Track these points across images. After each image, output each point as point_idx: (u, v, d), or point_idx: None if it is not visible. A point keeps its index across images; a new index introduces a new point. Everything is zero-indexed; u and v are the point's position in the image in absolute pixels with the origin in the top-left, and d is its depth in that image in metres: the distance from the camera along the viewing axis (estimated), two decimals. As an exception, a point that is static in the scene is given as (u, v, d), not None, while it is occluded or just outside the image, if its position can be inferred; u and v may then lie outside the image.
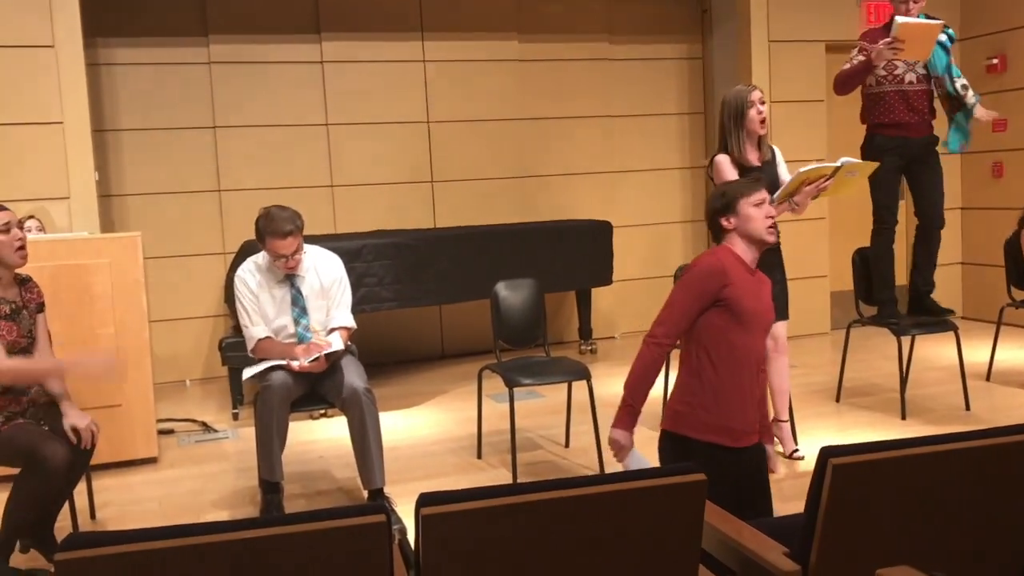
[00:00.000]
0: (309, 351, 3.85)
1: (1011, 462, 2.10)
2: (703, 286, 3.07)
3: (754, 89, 4.29)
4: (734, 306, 3.05)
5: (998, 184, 7.63)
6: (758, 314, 3.11)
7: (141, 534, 1.68)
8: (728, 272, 3.06)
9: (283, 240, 3.86)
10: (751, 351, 3.11)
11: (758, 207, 3.13)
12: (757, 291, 3.15)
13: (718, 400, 3.04)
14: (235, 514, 4.08)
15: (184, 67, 6.79)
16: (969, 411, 5.14)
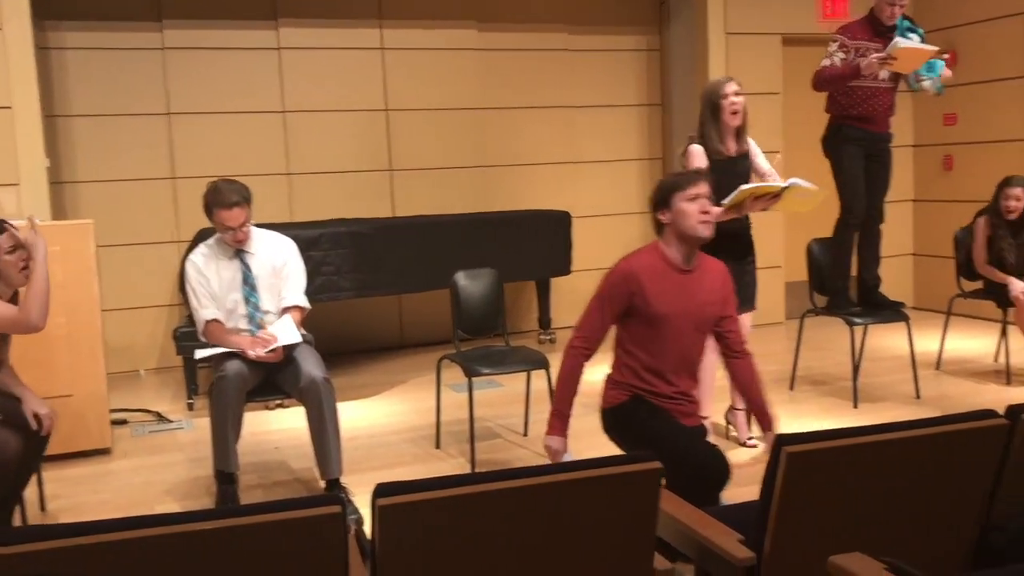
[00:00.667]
0: (255, 344, 3.81)
1: (959, 449, 2.14)
2: (612, 294, 3.14)
3: (729, 81, 4.30)
4: (646, 312, 3.10)
5: (948, 177, 7.77)
6: (684, 314, 3.12)
7: (93, 526, 1.66)
8: (640, 278, 3.09)
9: (229, 211, 3.84)
10: (679, 351, 3.16)
11: (692, 201, 3.10)
12: (686, 290, 3.14)
13: (646, 386, 3.16)
14: (189, 505, 4.03)
15: (137, 52, 6.67)
16: (919, 399, 5.24)
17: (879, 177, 5.18)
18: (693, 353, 3.23)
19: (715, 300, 3.22)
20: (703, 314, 3.19)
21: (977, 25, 7.37)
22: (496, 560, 1.92)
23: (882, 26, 4.99)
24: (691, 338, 3.19)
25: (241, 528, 1.72)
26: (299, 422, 4.16)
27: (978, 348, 6.41)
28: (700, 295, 3.18)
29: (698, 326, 3.19)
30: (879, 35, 4.97)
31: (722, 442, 4.55)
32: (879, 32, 4.98)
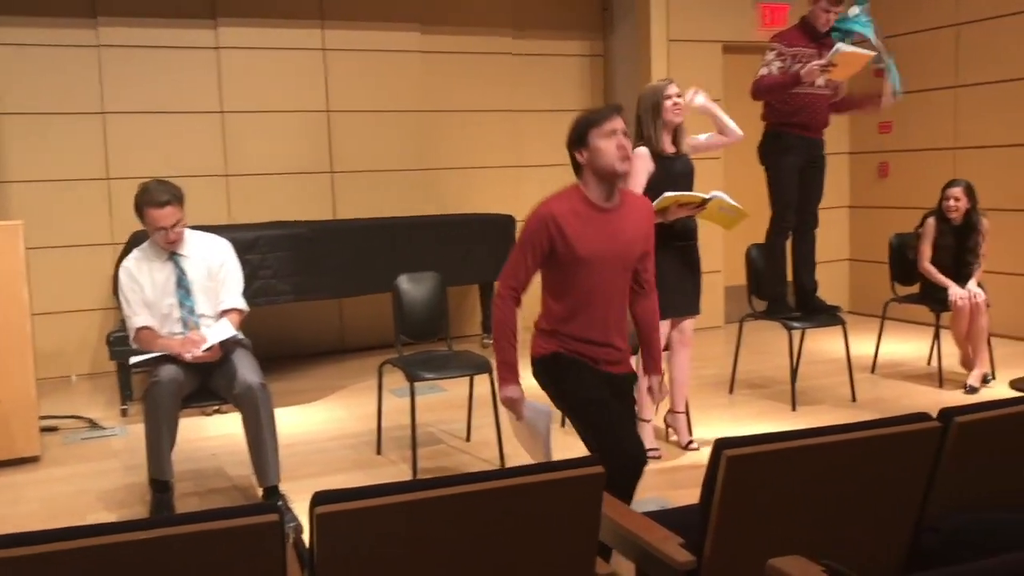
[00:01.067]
0: (186, 345, 3.74)
1: (895, 452, 2.18)
2: (533, 239, 3.08)
3: (670, 83, 4.36)
4: (569, 255, 3.05)
5: (884, 184, 7.94)
6: (607, 253, 3.07)
7: (20, 538, 1.60)
8: (559, 221, 3.04)
9: (160, 210, 3.76)
10: (605, 290, 3.10)
11: (609, 137, 3.04)
12: (610, 229, 3.08)
13: (574, 334, 3.12)
14: (123, 515, 3.93)
15: (71, 49, 6.50)
16: (855, 402, 5.34)
17: (814, 183, 5.28)
18: (620, 294, 3.18)
19: (640, 237, 3.16)
20: (629, 252, 3.13)
21: (911, 36, 7.55)
22: (437, 568, 1.89)
23: (817, 32, 5.09)
24: (618, 278, 3.14)
25: (176, 538, 1.67)
26: (236, 428, 4.08)
27: (912, 352, 6.55)
28: (625, 233, 3.12)
29: (625, 265, 3.15)
30: (814, 40, 5.07)
31: (663, 445, 4.59)
32: (814, 38, 5.08)
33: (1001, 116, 6.94)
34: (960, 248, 5.54)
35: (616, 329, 3.17)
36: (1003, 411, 2.31)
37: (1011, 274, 6.89)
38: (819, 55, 5.00)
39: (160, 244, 3.88)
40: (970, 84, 7.15)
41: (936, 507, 2.28)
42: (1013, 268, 6.90)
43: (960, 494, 2.29)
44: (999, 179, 6.88)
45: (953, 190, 5.50)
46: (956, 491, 2.28)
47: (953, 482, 2.27)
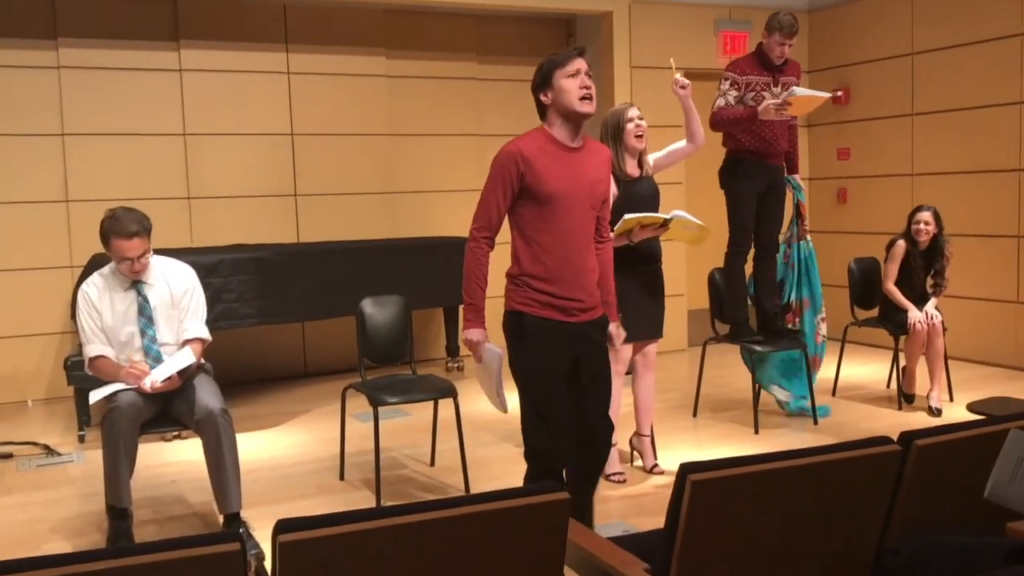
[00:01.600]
0: (129, 377, 3.64)
1: (857, 475, 2.20)
2: (502, 175, 3.14)
3: (631, 107, 4.41)
4: (539, 191, 3.11)
5: (842, 209, 8.06)
6: (574, 192, 3.13)
7: (-31, 570, 1.56)
8: (528, 157, 3.10)
9: (128, 241, 3.69)
10: (574, 229, 3.16)
11: (573, 78, 3.13)
12: (576, 167, 3.15)
13: (545, 278, 3.15)
14: (79, 544, 3.86)
15: (31, 71, 6.43)
16: (817, 425, 5.39)
17: (774, 209, 5.35)
18: (588, 236, 3.23)
19: (603, 178, 3.26)
20: (594, 192, 3.21)
21: (868, 64, 7.70)
22: (401, 595, 1.87)
23: (771, 62, 5.17)
24: (586, 218, 3.20)
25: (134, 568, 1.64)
26: (196, 454, 4.02)
27: (871, 374, 6.63)
28: (589, 172, 3.19)
29: (592, 204, 3.21)
30: (768, 70, 5.15)
31: (628, 469, 4.59)
32: (767, 66, 5.16)
33: (956, 143, 7.08)
34: (926, 271, 5.65)
35: (586, 273, 3.22)
36: (962, 434, 2.34)
37: (968, 298, 7.02)
38: (773, 82, 5.10)
39: (124, 273, 3.82)
40: (926, 112, 7.30)
41: (897, 529, 2.30)
42: (970, 292, 7.03)
43: (921, 516, 2.32)
44: (955, 205, 7.01)
45: (923, 214, 5.61)
46: (917, 513, 2.31)
47: (914, 504, 2.29)
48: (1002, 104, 6.75)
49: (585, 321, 3.23)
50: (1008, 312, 6.84)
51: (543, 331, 3.17)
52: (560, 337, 3.19)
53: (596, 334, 3.29)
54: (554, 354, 3.19)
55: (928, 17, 7.21)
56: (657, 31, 7.56)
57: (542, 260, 3.15)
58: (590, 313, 3.25)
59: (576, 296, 3.19)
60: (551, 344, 3.18)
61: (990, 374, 6.64)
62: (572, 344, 3.22)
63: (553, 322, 3.18)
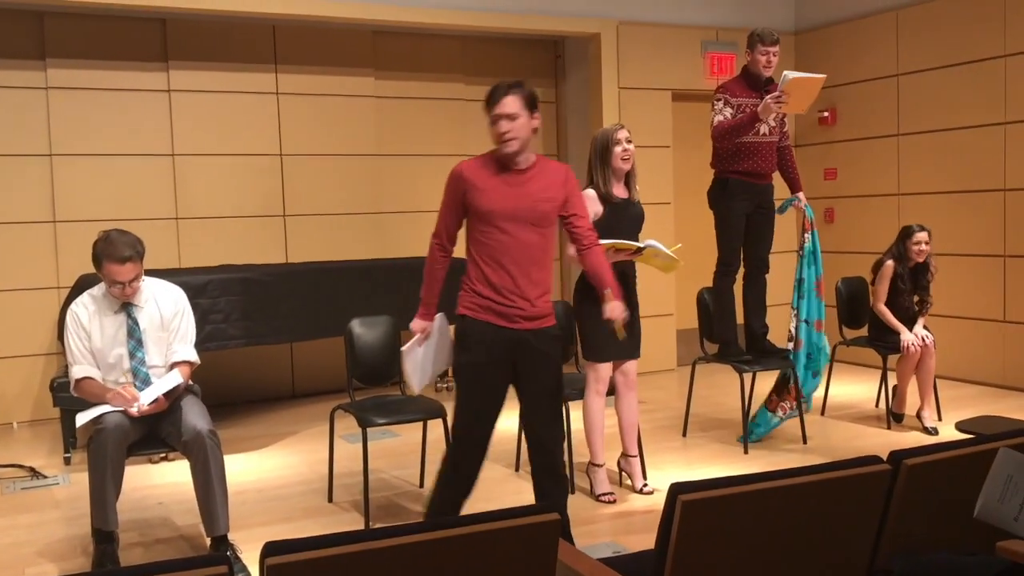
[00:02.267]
0: (115, 399, 3.63)
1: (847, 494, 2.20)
2: (449, 192, 3.49)
3: (620, 128, 4.41)
4: (478, 208, 3.40)
5: (830, 229, 8.10)
6: (514, 210, 3.37)
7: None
8: (468, 178, 3.42)
9: (121, 266, 3.67)
10: (516, 244, 3.39)
11: (493, 124, 3.39)
12: (517, 188, 3.39)
13: (487, 285, 3.41)
14: (64, 567, 3.81)
15: (18, 91, 6.42)
16: (806, 444, 5.39)
17: (763, 229, 5.37)
18: (531, 250, 3.42)
19: (551, 197, 3.45)
20: (537, 210, 3.40)
21: (854, 85, 7.77)
22: (390, 618, 1.86)
23: (758, 81, 5.20)
24: (528, 234, 3.41)
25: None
26: (184, 476, 4.00)
27: (860, 394, 6.64)
28: (533, 192, 3.40)
29: (534, 221, 3.41)
30: (755, 90, 5.18)
31: (616, 489, 4.58)
32: (756, 87, 5.19)
33: (942, 164, 7.14)
34: (912, 291, 5.69)
35: (529, 284, 3.42)
36: (951, 453, 2.34)
37: (955, 317, 7.05)
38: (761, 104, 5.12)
39: (115, 296, 3.79)
40: (911, 132, 7.36)
41: (888, 548, 2.30)
42: (956, 312, 7.06)
43: (911, 535, 2.32)
44: (941, 225, 7.05)
45: (922, 235, 5.65)
46: (907, 533, 2.31)
47: (904, 524, 2.29)
48: (987, 125, 6.82)
49: (528, 329, 3.43)
50: (994, 331, 6.88)
51: (481, 334, 3.42)
52: (498, 341, 3.41)
53: (540, 342, 3.46)
54: (489, 357, 3.41)
55: (913, 39, 7.29)
56: (644, 53, 7.61)
57: (484, 270, 3.42)
58: (536, 322, 3.44)
59: (517, 305, 3.40)
60: (487, 347, 3.41)
61: (977, 393, 6.66)
62: (511, 349, 3.43)
63: (493, 327, 3.41)
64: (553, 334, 3.52)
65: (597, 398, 4.46)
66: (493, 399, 3.45)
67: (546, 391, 3.50)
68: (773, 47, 5.14)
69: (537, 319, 3.44)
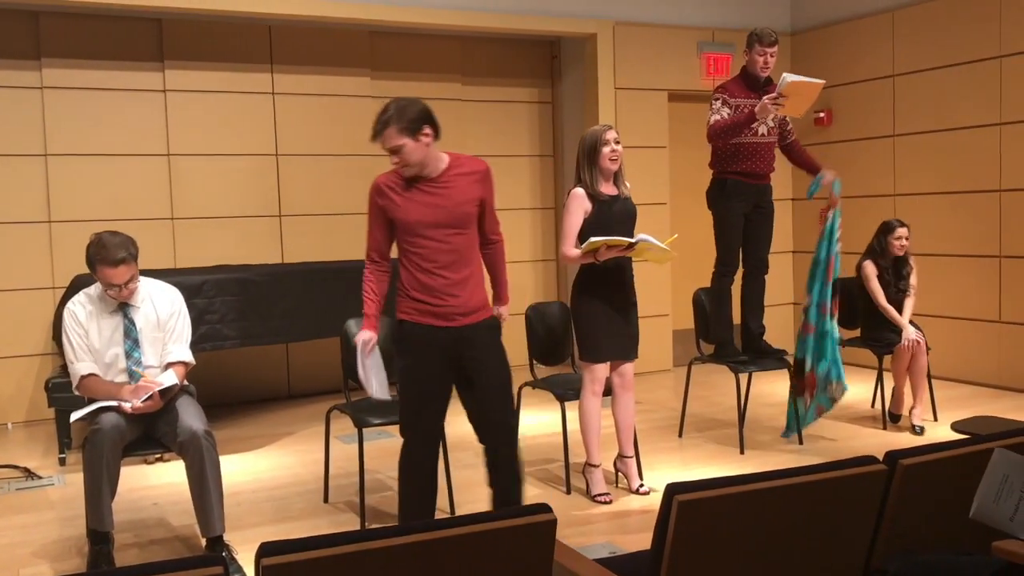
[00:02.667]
0: (138, 392, 3.64)
1: (843, 494, 2.20)
2: (371, 208, 3.63)
3: (609, 129, 4.41)
4: (400, 221, 3.53)
5: (825, 229, 8.10)
6: (434, 218, 3.49)
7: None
8: (386, 191, 3.55)
9: (115, 269, 3.65)
10: (440, 249, 3.51)
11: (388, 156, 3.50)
12: (436, 196, 3.50)
13: (419, 290, 3.53)
14: (59, 568, 3.81)
15: (13, 90, 6.41)
16: (802, 444, 5.39)
17: (762, 229, 5.37)
18: (457, 252, 3.54)
19: (470, 199, 3.55)
20: (458, 214, 3.52)
21: (850, 86, 7.77)
22: (386, 619, 1.85)
23: (756, 81, 5.20)
24: (452, 238, 3.52)
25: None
26: (179, 476, 3.99)
27: (856, 394, 6.63)
28: (453, 196, 3.51)
29: (456, 225, 3.52)
30: (753, 90, 5.17)
31: (612, 489, 4.58)
32: (754, 88, 5.18)
33: (937, 164, 7.15)
34: (896, 280, 5.71)
35: (460, 282, 3.54)
36: (947, 453, 2.34)
37: (950, 318, 7.06)
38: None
39: (111, 297, 3.78)
40: (907, 133, 7.36)
41: (884, 549, 2.30)
42: (952, 312, 7.07)
43: (907, 535, 2.32)
44: (937, 225, 7.07)
45: (902, 230, 5.69)
46: (903, 533, 2.31)
47: (900, 524, 2.30)
48: (983, 125, 6.83)
49: (465, 324, 3.54)
50: (990, 331, 6.88)
51: (419, 336, 3.54)
52: (438, 341, 3.52)
53: (480, 335, 3.58)
54: (428, 358, 3.54)
55: (909, 39, 7.30)
56: (641, 53, 7.61)
57: (415, 275, 3.54)
58: (472, 316, 3.57)
59: (451, 304, 3.52)
60: (426, 348, 3.53)
61: (973, 393, 6.67)
62: (454, 346, 3.54)
63: (431, 328, 3.52)
64: (490, 325, 3.65)
65: (593, 399, 4.46)
66: (436, 395, 3.59)
67: (496, 380, 3.61)
68: (771, 48, 5.14)
69: (472, 313, 3.57)
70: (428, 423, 3.62)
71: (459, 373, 3.58)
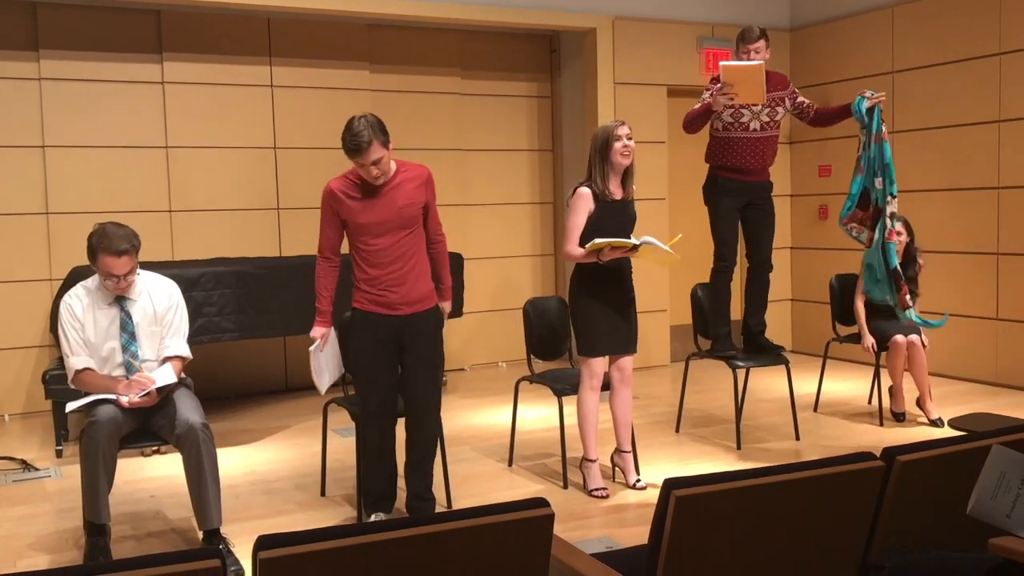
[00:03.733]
0: (131, 388, 3.64)
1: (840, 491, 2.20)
2: (324, 210, 3.93)
3: (621, 124, 4.38)
4: (349, 221, 3.87)
5: (823, 225, 8.11)
6: (382, 220, 3.84)
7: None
8: (338, 196, 3.87)
9: (117, 259, 3.66)
10: (388, 247, 3.86)
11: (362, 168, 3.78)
12: (384, 199, 3.84)
13: (368, 283, 3.90)
14: (55, 560, 3.80)
15: (11, 81, 6.39)
16: (799, 440, 5.40)
17: (762, 226, 5.35)
18: (406, 249, 3.91)
19: (414, 202, 3.91)
20: (404, 215, 3.88)
21: (849, 82, 7.76)
22: (383, 613, 1.85)
23: None
24: (396, 237, 3.88)
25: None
26: (176, 469, 3.99)
27: (853, 390, 6.65)
28: (398, 200, 3.86)
29: (402, 225, 3.88)
30: None
31: (609, 484, 4.58)
32: None
33: (936, 161, 7.14)
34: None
35: (406, 276, 3.90)
36: (944, 450, 2.35)
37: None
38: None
39: (109, 289, 3.78)
40: (906, 130, 7.36)
41: (880, 545, 2.30)
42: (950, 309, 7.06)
43: (904, 532, 2.32)
44: (935, 222, 7.07)
45: (898, 225, 5.67)
46: (900, 529, 2.31)
47: (897, 520, 2.30)
48: (982, 123, 6.82)
49: (409, 313, 3.91)
50: (988, 329, 6.89)
51: (368, 323, 3.90)
52: (384, 328, 3.89)
53: (420, 323, 3.95)
54: (376, 342, 3.89)
55: (909, 36, 7.29)
56: (640, 48, 7.60)
57: (365, 271, 3.91)
58: (416, 306, 3.94)
59: (397, 294, 3.89)
60: (374, 333, 3.89)
61: (970, 390, 6.68)
62: (396, 332, 3.91)
63: (379, 316, 3.89)
64: (431, 314, 4.02)
65: (591, 393, 4.46)
66: (384, 372, 3.93)
67: (423, 359, 3.97)
68: (754, 43, 5.11)
69: (416, 303, 3.94)
70: (376, 401, 3.94)
71: (400, 355, 3.95)
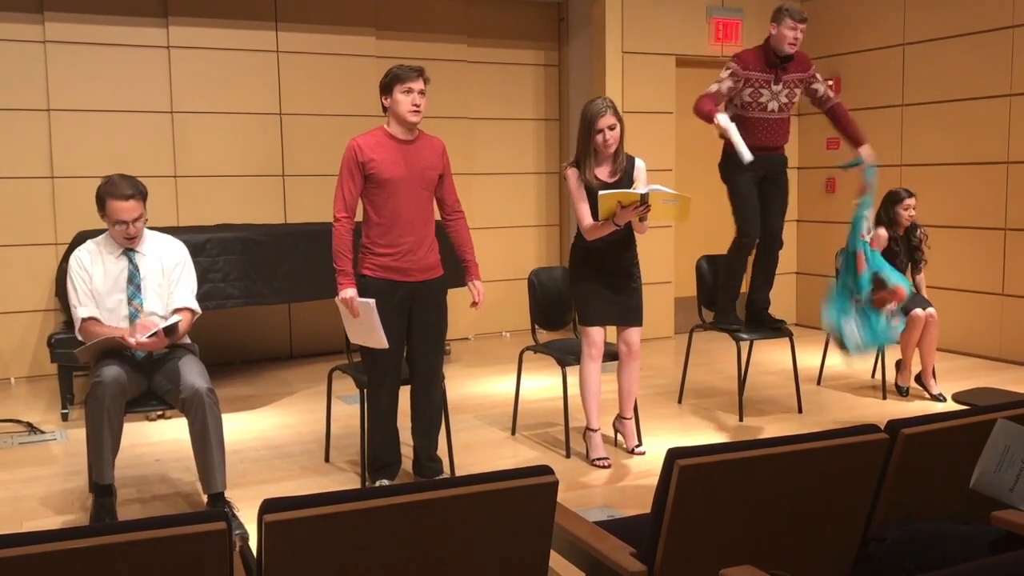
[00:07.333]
0: (137, 330, 3.66)
1: (844, 462, 2.21)
2: (350, 168, 3.92)
3: (605, 112, 4.26)
4: (377, 177, 3.89)
5: (830, 199, 8.08)
6: (409, 177, 3.92)
7: (-49, 546, 1.54)
8: (366, 150, 3.90)
9: (124, 202, 3.71)
10: (409, 205, 3.93)
11: (406, 94, 3.88)
12: (409, 157, 3.93)
13: (385, 246, 3.93)
14: (63, 522, 3.84)
15: (16, 44, 6.35)
16: (802, 413, 5.41)
17: (775, 200, 5.31)
18: (423, 211, 4.00)
19: (434, 166, 4.02)
20: (425, 176, 3.98)
21: (859, 55, 7.70)
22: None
23: (775, 58, 5.09)
24: (420, 198, 3.98)
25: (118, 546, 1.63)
26: (181, 433, 4.01)
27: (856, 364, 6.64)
28: (422, 161, 3.97)
29: (424, 185, 3.99)
30: (770, 67, 5.08)
31: (611, 450, 4.60)
32: (771, 64, 5.09)
33: (945, 135, 7.10)
34: (907, 253, 5.69)
35: (420, 241, 3.98)
36: (948, 423, 2.35)
37: (954, 290, 7.05)
38: (775, 80, 5.06)
39: (118, 239, 3.81)
40: (915, 103, 7.30)
41: (883, 517, 2.31)
42: (956, 284, 7.06)
43: (907, 505, 2.33)
44: (943, 196, 7.04)
45: (910, 200, 5.67)
46: (902, 501, 2.32)
47: (900, 492, 2.30)
48: (992, 96, 6.77)
49: (420, 280, 3.99)
50: (993, 304, 6.88)
51: (379, 290, 3.91)
52: (397, 294, 3.94)
53: (430, 290, 4.04)
54: (387, 305, 3.88)
55: (920, 8, 7.21)
56: (649, 17, 7.52)
57: (383, 232, 3.92)
58: (427, 273, 4.02)
59: (410, 259, 3.95)
60: (385, 298, 3.88)
61: (975, 365, 6.68)
62: (407, 297, 3.97)
63: (391, 283, 3.93)
64: (442, 282, 4.11)
65: (591, 363, 4.47)
66: (395, 338, 3.95)
67: (431, 324, 4.06)
68: (803, 24, 5.04)
69: (428, 270, 4.02)
70: (388, 365, 4.01)
71: (408, 321, 4.01)
